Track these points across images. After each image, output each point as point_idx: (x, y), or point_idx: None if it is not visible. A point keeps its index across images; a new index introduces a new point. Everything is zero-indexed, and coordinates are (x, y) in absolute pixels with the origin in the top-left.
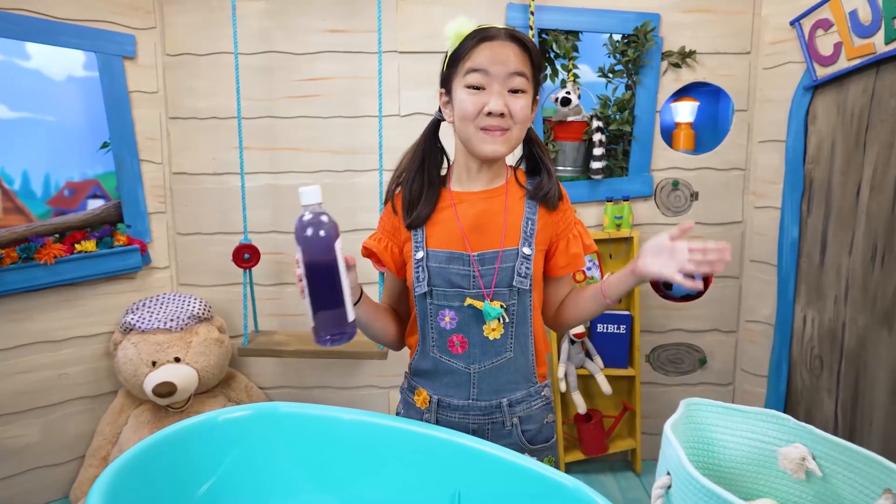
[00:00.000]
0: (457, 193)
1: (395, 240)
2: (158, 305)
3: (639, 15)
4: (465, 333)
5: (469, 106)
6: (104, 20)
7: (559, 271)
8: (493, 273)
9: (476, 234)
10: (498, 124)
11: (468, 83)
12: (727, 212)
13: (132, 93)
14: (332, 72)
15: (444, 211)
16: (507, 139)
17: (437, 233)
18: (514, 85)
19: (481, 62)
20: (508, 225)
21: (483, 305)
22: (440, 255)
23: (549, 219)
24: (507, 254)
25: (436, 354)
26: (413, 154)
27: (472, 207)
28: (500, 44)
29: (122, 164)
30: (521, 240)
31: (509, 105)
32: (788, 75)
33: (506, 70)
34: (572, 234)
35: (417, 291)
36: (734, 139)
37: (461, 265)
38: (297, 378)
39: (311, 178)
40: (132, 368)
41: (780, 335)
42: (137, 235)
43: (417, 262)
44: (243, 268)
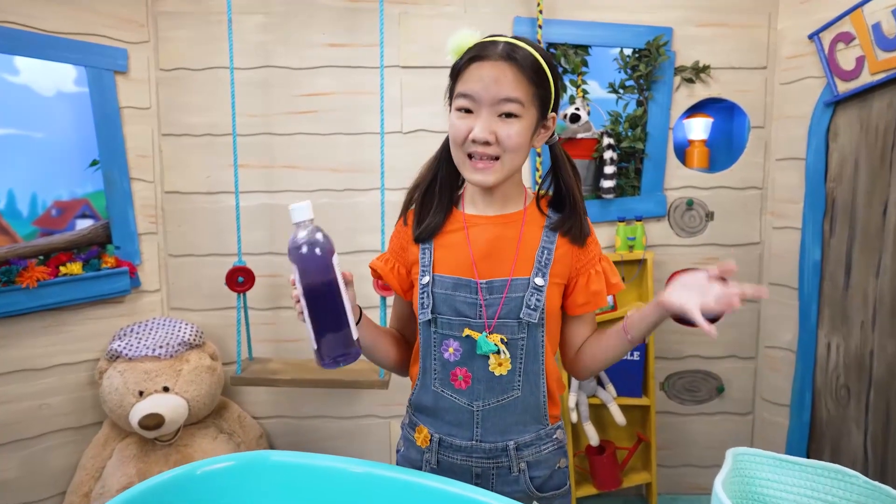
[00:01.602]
0: (470, 216)
1: (403, 260)
2: (147, 331)
3: (651, 29)
4: (469, 367)
5: (456, 131)
6: (95, 34)
7: (577, 309)
8: (498, 303)
9: (486, 261)
10: (483, 151)
11: (458, 105)
12: (744, 232)
13: (123, 108)
14: (331, 87)
15: (455, 234)
16: (495, 169)
17: (445, 256)
18: (506, 109)
19: (469, 86)
20: (521, 253)
21: (479, 337)
22: (447, 280)
23: (569, 250)
24: (517, 283)
25: (437, 388)
26: (428, 169)
27: (485, 232)
28: (493, 65)
29: (112, 182)
30: (533, 269)
31: (497, 132)
32: (807, 91)
33: (495, 95)
34: (594, 269)
35: (421, 318)
36: (750, 157)
37: (468, 292)
38: (293, 407)
39: (310, 198)
40: (118, 398)
41: (802, 362)
42: (127, 257)
43: (423, 287)
44: (237, 292)
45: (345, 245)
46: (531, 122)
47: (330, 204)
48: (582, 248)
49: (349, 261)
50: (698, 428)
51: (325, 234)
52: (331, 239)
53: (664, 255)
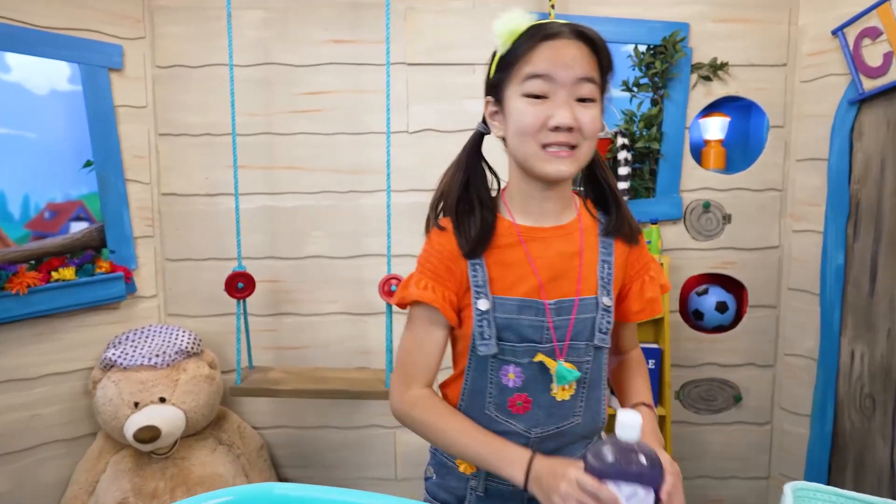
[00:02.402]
0: (525, 228)
1: (451, 285)
2: (143, 339)
3: (667, 24)
4: (531, 392)
5: (529, 118)
6: (89, 29)
7: (632, 317)
8: (567, 325)
9: (551, 281)
10: (565, 140)
11: (527, 91)
12: (763, 236)
13: (118, 107)
14: (335, 85)
15: (510, 249)
16: (575, 158)
17: (504, 276)
18: (583, 93)
19: (543, 66)
20: (585, 269)
21: (556, 366)
22: (510, 303)
23: (624, 256)
24: (585, 304)
25: (491, 413)
26: (454, 174)
27: (548, 248)
28: (565, 43)
29: (106, 184)
30: (598, 287)
31: (578, 117)
32: (829, 89)
33: (573, 75)
34: (648, 275)
35: (483, 350)
36: (770, 157)
37: (533, 315)
38: (295, 417)
39: (312, 199)
40: (112, 410)
41: (824, 371)
42: (122, 262)
43: (481, 314)
44: (237, 298)
45: (349, 249)
46: (600, 107)
47: (333, 206)
48: (635, 249)
49: (353, 265)
50: (714, 438)
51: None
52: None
53: (680, 259)
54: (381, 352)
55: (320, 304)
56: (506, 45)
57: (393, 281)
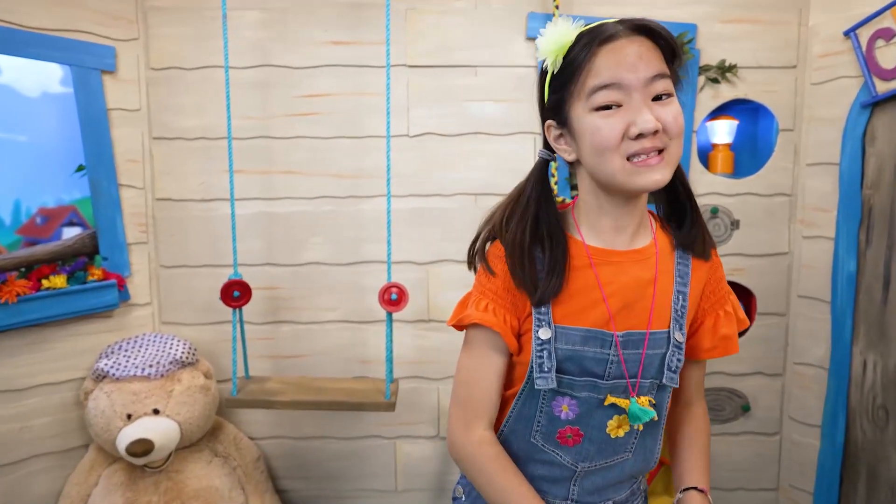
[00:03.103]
0: (597, 251)
1: (515, 309)
2: (136, 349)
3: (673, 25)
4: (583, 426)
5: (607, 132)
6: (81, 30)
7: (702, 354)
8: (638, 360)
9: (622, 311)
10: (652, 145)
11: (597, 104)
12: (772, 242)
13: (111, 110)
14: (334, 88)
15: (581, 273)
16: (665, 162)
17: (569, 302)
18: (659, 90)
19: (608, 74)
20: (658, 299)
21: (629, 405)
22: (574, 333)
23: (700, 289)
24: (656, 338)
25: (538, 441)
26: (519, 207)
27: (621, 273)
28: (625, 43)
29: (99, 189)
30: (671, 321)
31: (660, 118)
32: (841, 91)
33: (643, 76)
34: (724, 309)
35: (540, 385)
36: (779, 162)
37: (599, 346)
38: (293, 427)
39: (310, 205)
40: (104, 422)
41: (835, 380)
42: (115, 269)
43: (541, 344)
44: (233, 307)
45: (348, 256)
46: (677, 100)
47: (332, 212)
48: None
49: (353, 272)
50: (722, 449)
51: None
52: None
53: None
54: (380, 361)
55: (318, 312)
56: (557, 62)
57: (393, 289)
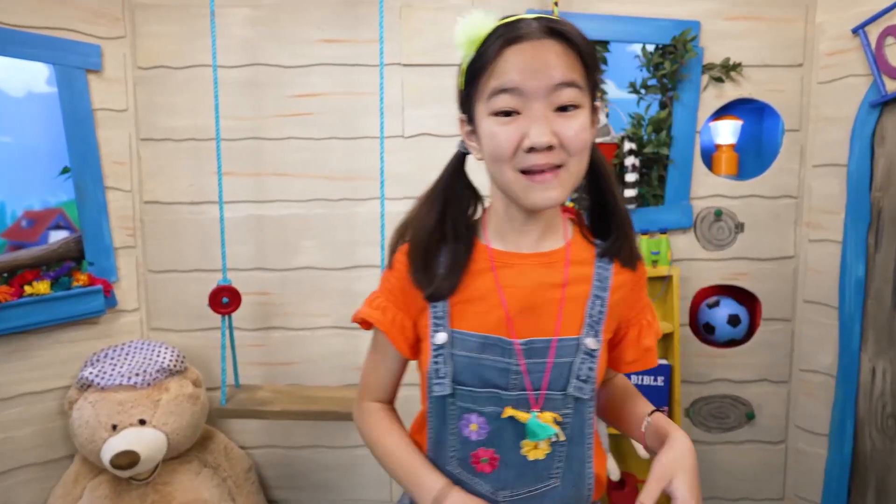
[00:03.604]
0: (499, 254)
1: (407, 309)
2: (122, 357)
3: (676, 23)
4: (498, 448)
5: (502, 141)
6: (65, 28)
7: (624, 367)
8: (543, 370)
9: (524, 315)
10: (546, 161)
11: (495, 109)
12: (777, 245)
13: (97, 111)
14: (326, 87)
15: (480, 277)
16: (561, 180)
17: (468, 307)
18: (563, 100)
19: (510, 77)
20: (568, 305)
21: (528, 419)
22: (471, 339)
23: (622, 296)
24: (564, 346)
25: (454, 469)
26: (430, 200)
27: (522, 277)
28: (534, 45)
29: (84, 192)
30: (584, 326)
31: (559, 132)
32: (849, 90)
33: (547, 82)
34: (646, 319)
35: (437, 391)
36: (784, 163)
37: (499, 355)
38: (284, 437)
39: (302, 208)
40: (88, 433)
41: (843, 388)
42: (101, 274)
43: (437, 349)
44: (221, 314)
45: (341, 260)
46: (588, 113)
47: (325, 215)
48: (636, 289)
49: (346, 277)
50: (726, 458)
51: None
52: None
53: (690, 269)
54: None
55: (311, 318)
56: (469, 55)
57: None
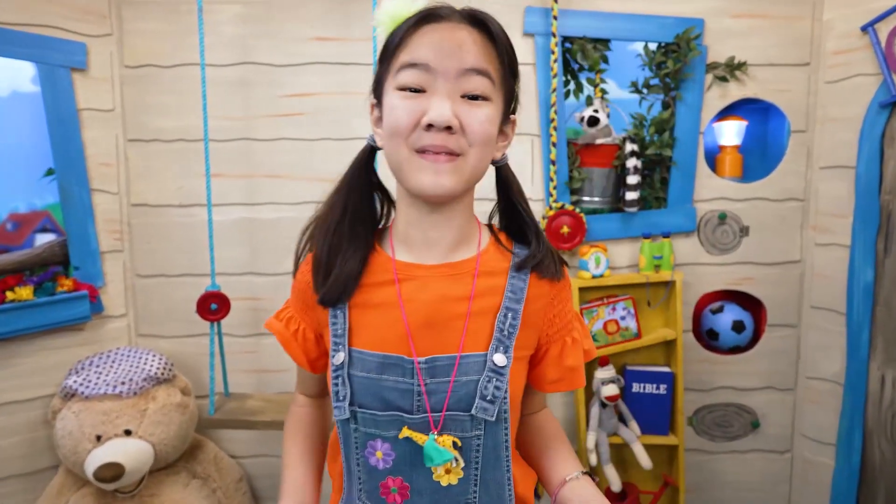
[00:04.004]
0: (402, 265)
1: (310, 321)
2: (108, 364)
3: (680, 20)
4: (406, 476)
5: (401, 114)
6: (49, 25)
7: (547, 387)
8: (445, 390)
9: (426, 331)
10: (442, 144)
11: (401, 83)
12: (783, 249)
13: (82, 111)
14: (320, 86)
15: (380, 289)
16: (456, 167)
17: (367, 322)
18: (471, 87)
19: (421, 53)
20: (474, 319)
21: (426, 442)
22: (370, 359)
23: (540, 308)
24: (469, 363)
25: (364, 502)
26: (332, 198)
27: (424, 289)
28: (452, 26)
29: (69, 194)
30: (493, 342)
31: (461, 116)
32: (858, 90)
33: (458, 64)
34: (571, 336)
35: (337, 415)
36: (790, 165)
37: (399, 375)
38: (277, 446)
39: (295, 210)
40: (72, 444)
41: (851, 396)
42: (87, 279)
43: (336, 370)
44: (210, 320)
45: None
46: (499, 111)
47: None
48: (558, 301)
49: None
50: (730, 467)
51: None
52: None
53: (692, 275)
54: None
55: None
56: (387, 33)
57: None
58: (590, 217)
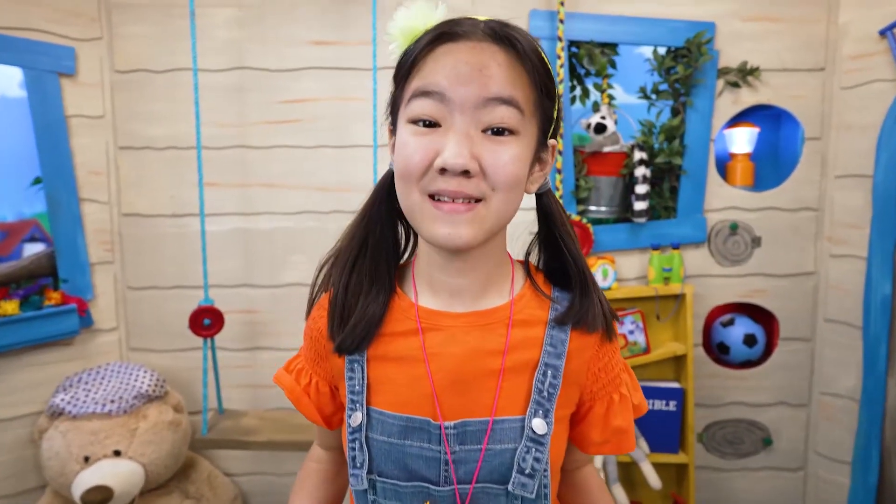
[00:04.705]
0: (426, 312)
1: (324, 373)
2: (97, 381)
3: (690, 24)
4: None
5: (411, 155)
6: (35, 29)
7: (591, 449)
8: (475, 458)
9: (454, 390)
10: (457, 189)
11: (412, 115)
12: (797, 261)
13: (71, 117)
14: (316, 92)
15: (403, 340)
16: (476, 216)
17: (388, 380)
18: (495, 120)
19: (435, 79)
20: (509, 377)
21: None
22: (391, 421)
23: (583, 363)
24: (503, 428)
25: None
26: (352, 230)
27: (453, 342)
28: (471, 46)
29: (57, 204)
30: (531, 405)
31: (481, 156)
32: (875, 96)
33: (478, 93)
34: (618, 392)
35: (353, 485)
36: (804, 173)
37: (425, 441)
38: (273, 463)
39: (291, 221)
40: (59, 465)
41: (868, 413)
42: (76, 291)
43: (353, 433)
44: (203, 336)
45: None
46: (531, 145)
47: (315, 228)
48: (604, 350)
49: None
50: (741, 485)
51: None
52: None
53: (704, 287)
54: None
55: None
56: (400, 51)
57: None
58: (597, 227)
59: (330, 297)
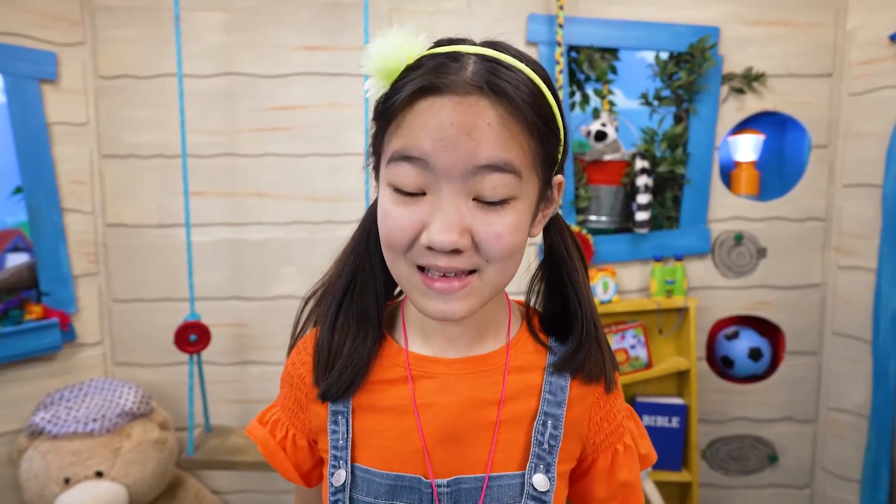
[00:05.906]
0: (418, 358)
1: (302, 425)
2: (80, 398)
3: (693, 28)
4: None
5: (394, 226)
6: (15, 33)
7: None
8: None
9: (447, 444)
10: (449, 266)
11: (393, 181)
12: (803, 272)
13: (52, 125)
14: (307, 98)
15: (390, 390)
16: (471, 290)
17: (374, 433)
18: (487, 190)
19: (416, 142)
20: (506, 428)
21: None
22: (378, 480)
23: (585, 412)
24: (500, 485)
25: None
26: (341, 264)
27: (444, 391)
28: (457, 102)
29: (38, 214)
30: (531, 459)
31: (474, 227)
32: (884, 103)
33: (466, 160)
34: (622, 442)
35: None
36: (811, 182)
37: (415, 501)
38: (263, 480)
39: (282, 231)
40: (38, 487)
41: (877, 429)
42: (58, 305)
43: (335, 493)
44: (189, 352)
45: None
46: (532, 202)
47: (306, 239)
48: (606, 398)
49: None
50: (746, 503)
51: None
52: None
53: (707, 299)
54: None
55: None
56: (381, 88)
57: None
58: (597, 238)
59: (315, 339)
